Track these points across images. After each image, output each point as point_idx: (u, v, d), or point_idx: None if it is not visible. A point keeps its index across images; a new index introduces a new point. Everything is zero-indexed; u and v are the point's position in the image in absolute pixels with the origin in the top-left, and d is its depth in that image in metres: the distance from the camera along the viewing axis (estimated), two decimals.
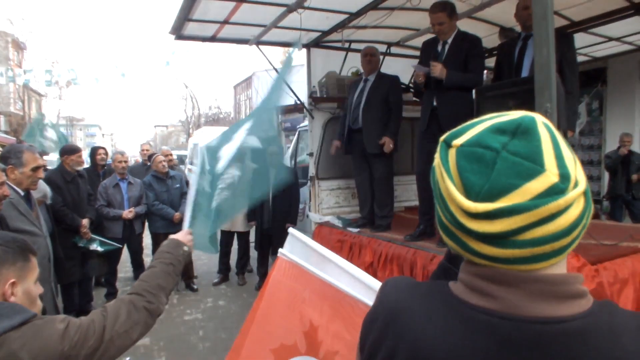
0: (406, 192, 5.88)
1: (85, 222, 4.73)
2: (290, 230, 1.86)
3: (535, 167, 0.61)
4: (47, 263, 2.86)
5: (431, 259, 3.46)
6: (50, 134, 8.22)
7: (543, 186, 0.61)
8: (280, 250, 1.80)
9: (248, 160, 2.13)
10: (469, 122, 0.71)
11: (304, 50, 5.39)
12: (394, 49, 5.74)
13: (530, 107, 2.61)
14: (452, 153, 0.68)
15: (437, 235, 3.79)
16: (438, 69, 3.54)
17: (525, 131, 0.63)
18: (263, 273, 5.99)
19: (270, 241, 5.87)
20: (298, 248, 1.80)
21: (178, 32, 4.52)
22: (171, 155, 6.78)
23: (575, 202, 0.62)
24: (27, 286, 1.26)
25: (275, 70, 5.22)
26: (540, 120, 0.66)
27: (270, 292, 1.75)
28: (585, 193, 0.64)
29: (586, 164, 8.09)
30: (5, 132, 24.05)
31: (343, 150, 4.73)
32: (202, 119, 27.94)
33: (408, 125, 5.59)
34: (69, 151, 4.88)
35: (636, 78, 7.13)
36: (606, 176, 7.21)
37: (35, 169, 2.93)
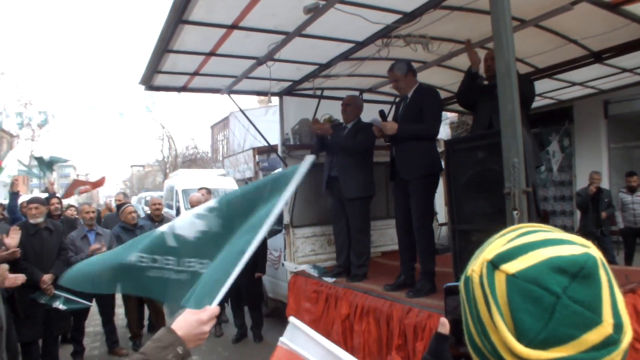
0: (382, 237, 5.84)
1: (47, 277, 4.39)
2: (291, 319, 1.77)
3: (594, 317, 0.59)
4: None
5: (407, 311, 3.42)
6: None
7: (599, 338, 0.59)
8: (280, 339, 1.72)
9: None
10: (519, 244, 0.65)
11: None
12: (366, 95, 5.81)
13: (498, 159, 2.64)
14: (500, 279, 0.63)
15: (415, 286, 3.75)
16: (387, 128, 3.79)
17: (587, 275, 0.60)
18: (240, 325, 5.80)
19: (240, 293, 5.52)
20: (299, 337, 1.72)
21: (148, 83, 4.50)
22: (160, 205, 6.25)
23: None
24: None
25: (248, 119, 5.24)
26: (601, 261, 0.63)
27: None
28: None
29: (559, 199, 8.25)
30: None
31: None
32: (179, 159, 27.64)
33: (383, 170, 5.60)
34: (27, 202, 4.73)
35: (601, 117, 7.40)
36: (578, 212, 7.33)
37: None
